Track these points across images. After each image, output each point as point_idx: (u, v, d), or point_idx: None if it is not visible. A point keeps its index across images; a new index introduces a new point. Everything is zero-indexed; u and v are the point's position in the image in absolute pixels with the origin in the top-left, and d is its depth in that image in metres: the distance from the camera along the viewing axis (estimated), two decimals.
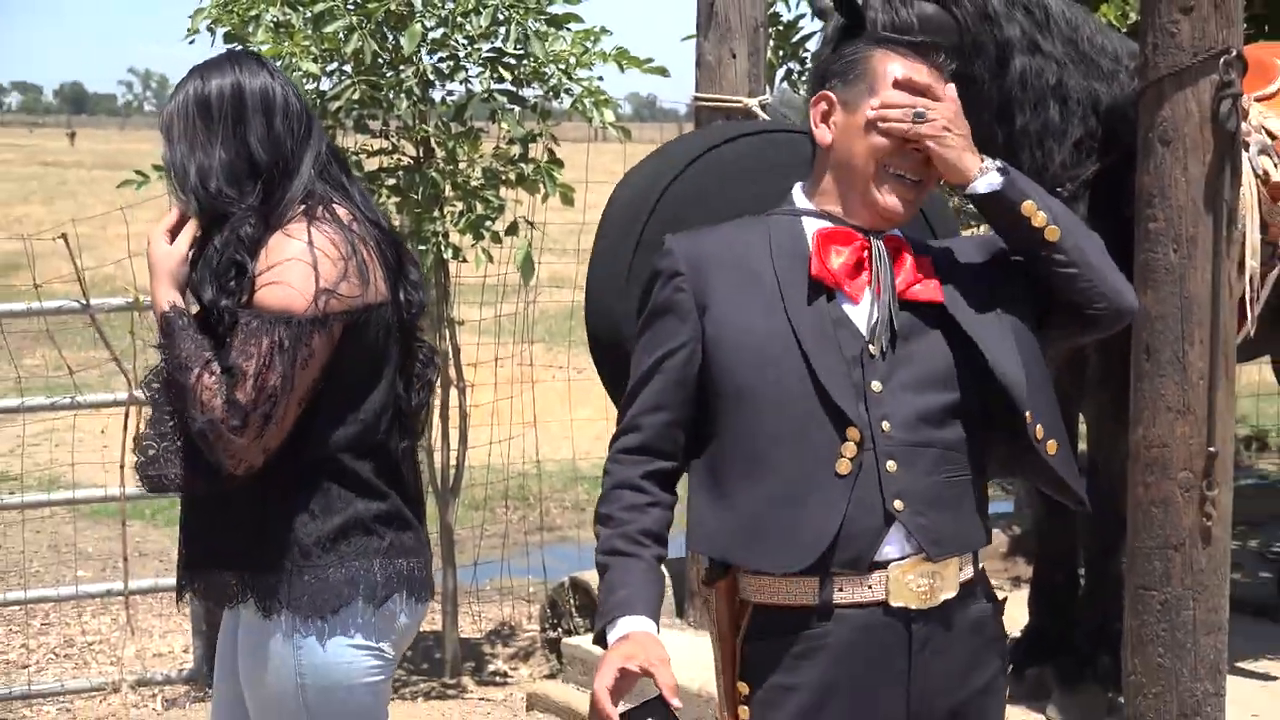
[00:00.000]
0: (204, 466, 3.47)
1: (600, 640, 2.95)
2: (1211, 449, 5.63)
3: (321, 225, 3.55)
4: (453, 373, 7.47)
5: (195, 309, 3.64)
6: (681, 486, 3.05)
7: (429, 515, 4.03)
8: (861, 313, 2.97)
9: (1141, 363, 5.72)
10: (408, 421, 3.81)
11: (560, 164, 7.25)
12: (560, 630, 7.58)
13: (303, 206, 3.58)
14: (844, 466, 2.91)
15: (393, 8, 6.86)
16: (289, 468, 3.52)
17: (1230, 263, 5.72)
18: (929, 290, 3.00)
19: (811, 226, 3.06)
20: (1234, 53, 5.58)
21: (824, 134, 3.08)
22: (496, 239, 7.28)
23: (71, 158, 58.01)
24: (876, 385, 2.93)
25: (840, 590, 2.91)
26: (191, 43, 7.22)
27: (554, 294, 9.61)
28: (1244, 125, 5.71)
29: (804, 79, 8.97)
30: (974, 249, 3.21)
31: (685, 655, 7.05)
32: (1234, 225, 5.72)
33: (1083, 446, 7.19)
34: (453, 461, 7.50)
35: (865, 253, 2.99)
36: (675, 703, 2.82)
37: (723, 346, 2.97)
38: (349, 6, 6.89)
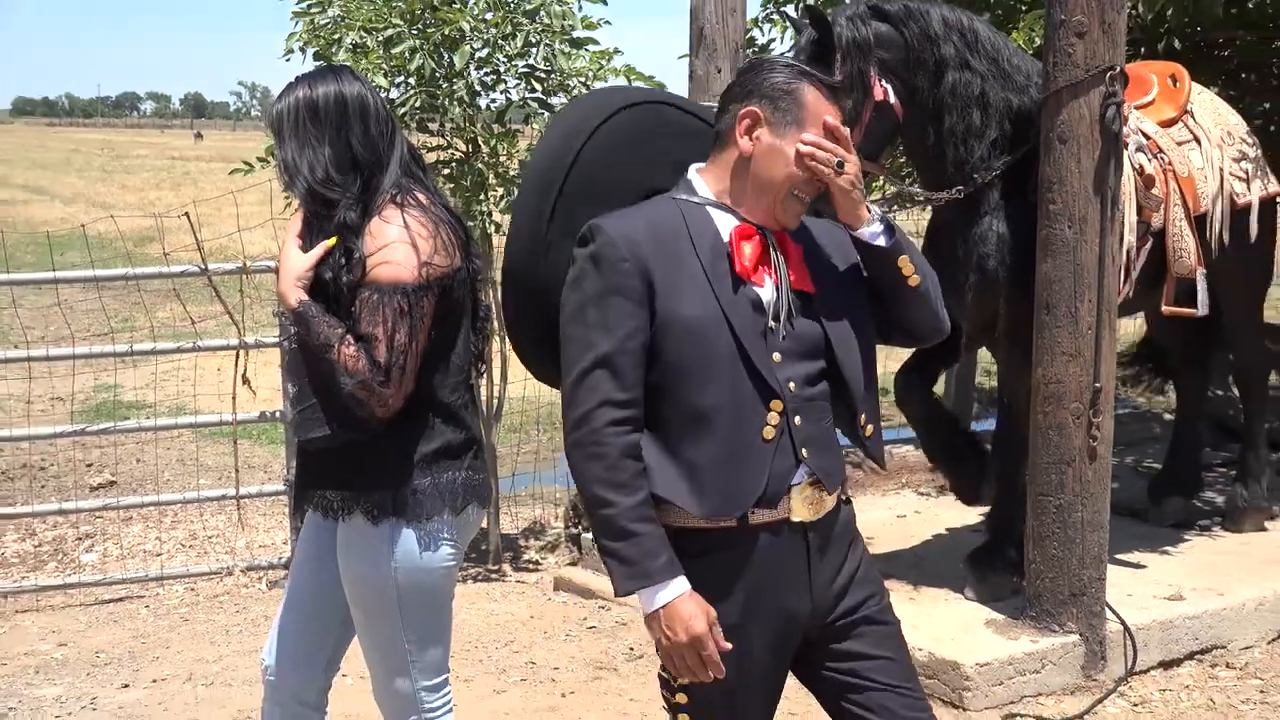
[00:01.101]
0: (350, 420, 3.52)
1: (627, 592, 2.88)
2: (1097, 385, 5.67)
3: (410, 210, 3.58)
4: (495, 323, 7.47)
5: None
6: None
7: None
8: (765, 295, 2.97)
9: (1042, 316, 5.75)
10: (475, 363, 3.85)
11: None
12: (580, 527, 7.58)
13: (391, 195, 3.60)
14: (769, 433, 2.94)
15: (447, 32, 6.83)
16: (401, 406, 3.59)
17: (1113, 238, 5.73)
18: (803, 281, 3.02)
19: (722, 220, 3.01)
20: (1118, 69, 5.59)
21: (746, 145, 3.00)
22: None
23: (194, 152, 57.82)
24: (777, 356, 2.95)
25: (753, 514, 2.93)
26: (288, 60, 7.22)
27: None
28: (1125, 128, 5.70)
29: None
30: (835, 245, 3.18)
31: None
32: (1117, 208, 5.72)
33: (993, 383, 7.18)
34: (495, 394, 7.50)
35: (764, 247, 2.99)
36: (726, 645, 2.86)
37: (667, 328, 2.90)
38: (413, 31, 6.87)
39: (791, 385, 2.95)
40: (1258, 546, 6.98)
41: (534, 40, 7.04)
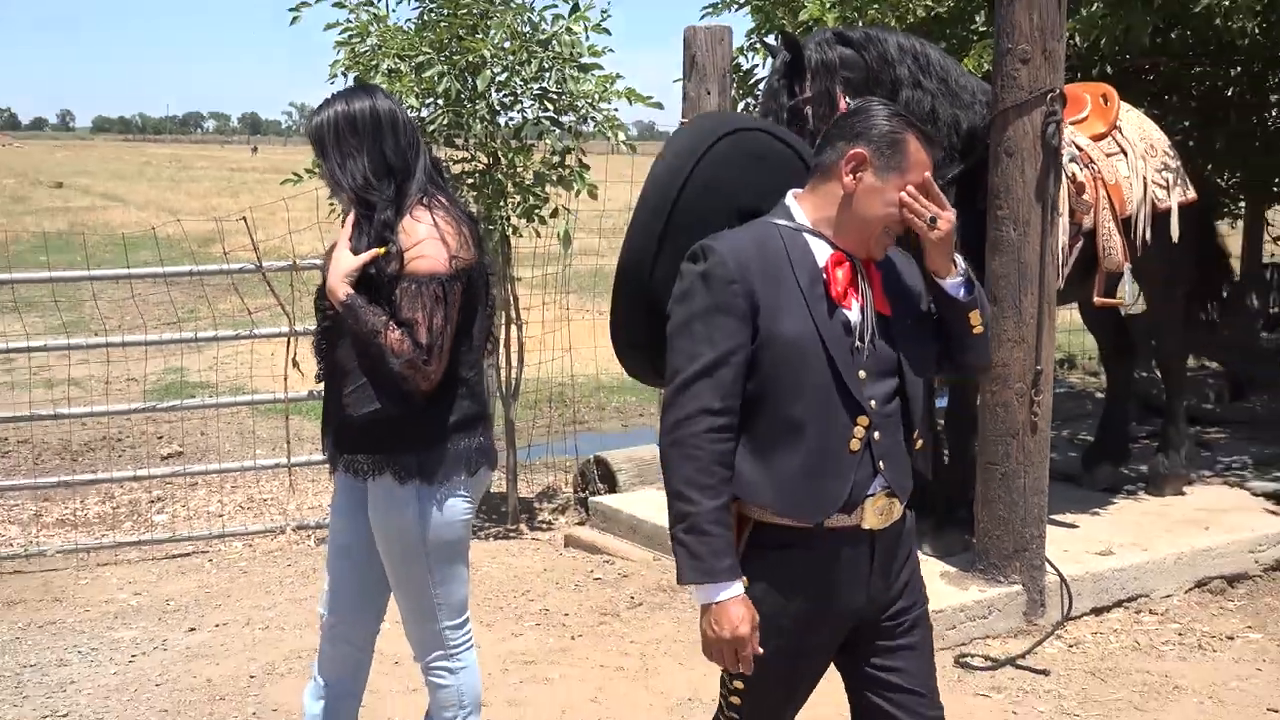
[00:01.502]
0: (396, 395, 3.56)
1: (689, 582, 2.81)
2: (1038, 367, 5.67)
3: (436, 211, 3.61)
4: (513, 313, 7.47)
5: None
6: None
7: (497, 413, 4.05)
8: (853, 317, 2.87)
9: (994, 308, 5.73)
10: (487, 344, 3.87)
11: (587, 169, 7.21)
12: (587, 492, 7.58)
13: (419, 198, 3.61)
14: (855, 445, 2.85)
15: (470, 59, 6.80)
16: None
17: (1053, 239, 5.73)
18: (882, 305, 2.92)
19: (817, 247, 2.89)
20: (1057, 91, 5.59)
21: (849, 183, 2.87)
22: (543, 221, 7.24)
23: (250, 165, 57.79)
24: (862, 374, 2.86)
25: (830, 519, 2.86)
26: (332, 83, 7.18)
27: (583, 259, 9.56)
28: (1062, 142, 5.69)
29: (751, 107, 8.92)
30: (908, 272, 3.08)
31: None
32: (1057, 213, 5.72)
33: None
34: (513, 376, 7.49)
35: (853, 273, 2.89)
36: (759, 650, 2.81)
37: (767, 344, 2.79)
38: (441, 58, 6.84)
39: (873, 402, 2.87)
40: (1177, 508, 6.97)
41: (546, 66, 7.02)
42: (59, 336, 9.67)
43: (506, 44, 6.97)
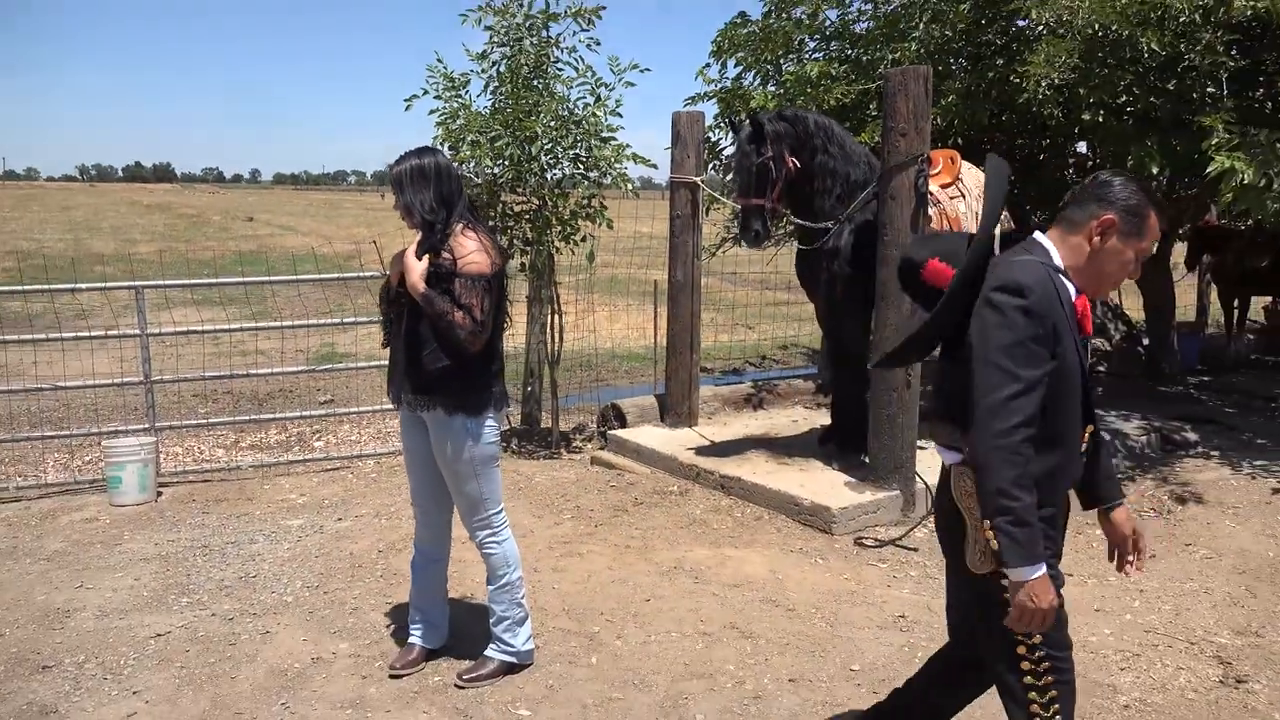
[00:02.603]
0: (456, 354, 3.61)
1: (1012, 566, 2.44)
2: None
3: (477, 231, 3.66)
4: (556, 306, 7.43)
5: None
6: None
7: (544, 374, 4.01)
8: (1089, 345, 2.64)
9: (881, 303, 5.70)
10: (505, 323, 3.89)
11: (606, 208, 7.17)
12: (607, 427, 7.56)
13: (460, 224, 3.65)
14: (1084, 446, 2.65)
15: (527, 134, 6.75)
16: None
17: None
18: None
19: (1067, 286, 2.54)
20: (925, 155, 5.54)
21: (1097, 243, 2.55)
22: (577, 244, 7.19)
23: (381, 206, 57.57)
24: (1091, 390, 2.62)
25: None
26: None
27: (602, 270, 9.53)
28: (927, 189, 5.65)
29: (716, 167, 8.91)
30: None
31: (661, 439, 7.04)
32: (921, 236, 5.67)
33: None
34: (557, 349, 7.46)
35: (1087, 309, 2.59)
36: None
37: (1057, 370, 2.47)
38: (507, 133, 6.79)
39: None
40: None
41: (579, 139, 6.95)
42: (250, 321, 9.65)
43: (552, 124, 6.91)
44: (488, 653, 3.94)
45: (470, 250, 3.58)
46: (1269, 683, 3.92)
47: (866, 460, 5.99)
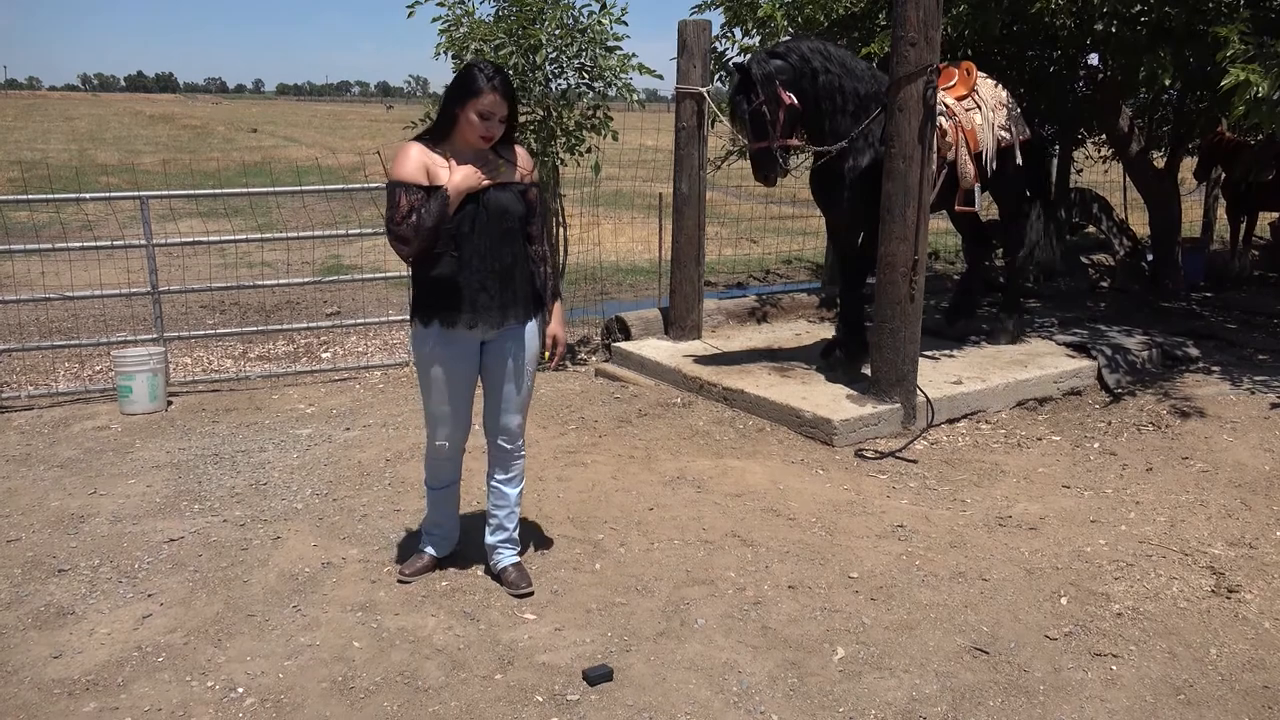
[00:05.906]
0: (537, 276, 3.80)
1: None
2: (916, 257, 5.59)
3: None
4: (561, 219, 7.36)
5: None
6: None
7: None
8: None
9: (886, 215, 5.63)
10: None
11: (611, 120, 7.05)
12: (611, 340, 7.54)
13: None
14: None
15: (531, 42, 6.60)
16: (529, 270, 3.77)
17: (929, 168, 5.59)
18: None
19: None
20: (933, 67, 5.41)
21: None
22: (581, 155, 7.09)
23: (385, 118, 56.68)
24: None
25: None
26: (436, 59, 7.07)
27: (607, 183, 9.43)
28: (936, 101, 5.54)
29: (723, 78, 8.72)
30: None
31: (665, 352, 7.03)
32: (932, 149, 5.58)
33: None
34: (562, 262, 7.41)
35: None
36: None
37: None
38: (511, 41, 6.65)
39: None
40: (1007, 353, 6.93)
41: (584, 47, 6.81)
42: (256, 233, 9.59)
43: (556, 32, 6.76)
44: (514, 560, 3.99)
45: (531, 163, 3.76)
46: (1260, 593, 3.96)
47: (868, 373, 5.99)
